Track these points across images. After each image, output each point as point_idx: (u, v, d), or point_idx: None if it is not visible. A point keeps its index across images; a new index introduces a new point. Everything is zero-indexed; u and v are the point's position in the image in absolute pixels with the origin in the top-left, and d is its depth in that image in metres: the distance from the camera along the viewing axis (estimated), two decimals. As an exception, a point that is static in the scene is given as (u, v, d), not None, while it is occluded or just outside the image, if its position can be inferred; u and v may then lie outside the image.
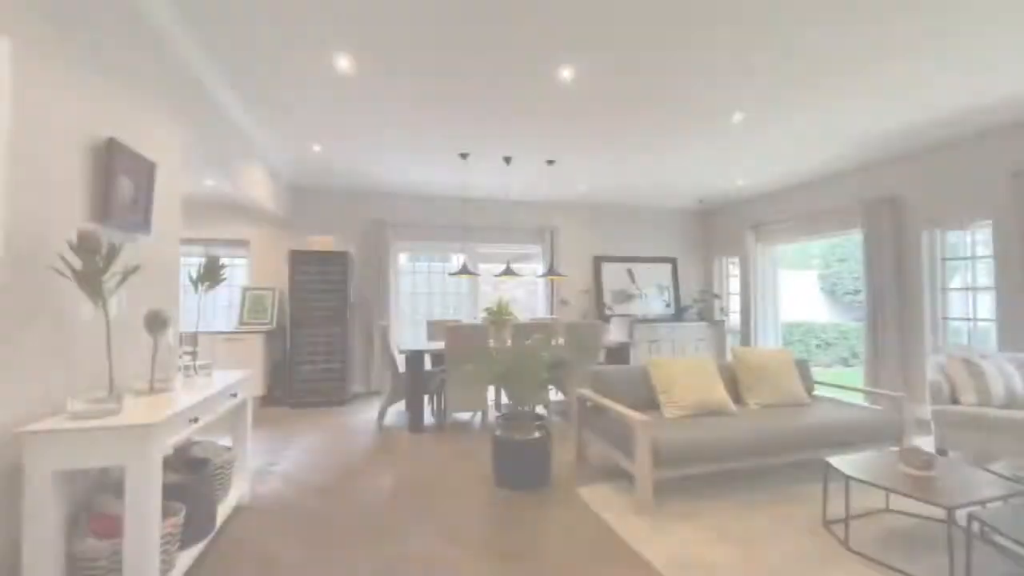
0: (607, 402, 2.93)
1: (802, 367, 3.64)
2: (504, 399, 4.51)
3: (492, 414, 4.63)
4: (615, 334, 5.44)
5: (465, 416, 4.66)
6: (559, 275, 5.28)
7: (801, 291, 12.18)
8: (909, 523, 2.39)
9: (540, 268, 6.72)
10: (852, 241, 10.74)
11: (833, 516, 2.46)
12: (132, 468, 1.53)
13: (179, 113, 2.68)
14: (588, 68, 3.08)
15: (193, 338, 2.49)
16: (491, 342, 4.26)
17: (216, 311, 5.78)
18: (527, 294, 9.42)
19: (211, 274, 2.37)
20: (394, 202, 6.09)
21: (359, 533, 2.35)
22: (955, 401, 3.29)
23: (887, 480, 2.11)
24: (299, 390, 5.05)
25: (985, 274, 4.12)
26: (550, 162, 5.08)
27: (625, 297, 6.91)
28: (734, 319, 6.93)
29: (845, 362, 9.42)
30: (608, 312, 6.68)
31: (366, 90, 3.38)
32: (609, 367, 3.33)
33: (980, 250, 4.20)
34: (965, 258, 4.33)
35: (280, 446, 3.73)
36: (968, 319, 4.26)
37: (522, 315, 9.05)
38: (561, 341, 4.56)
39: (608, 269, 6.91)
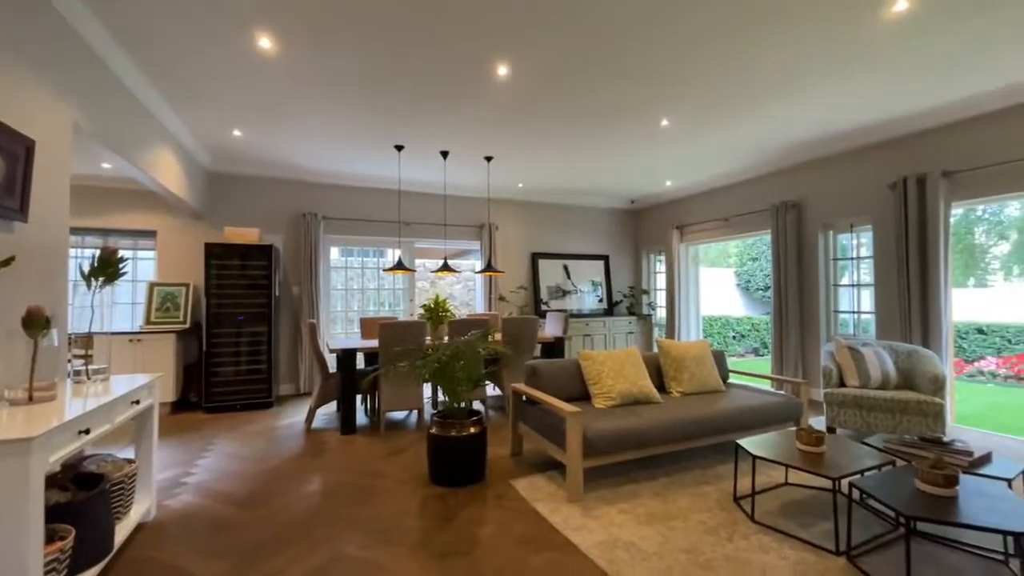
0: (541, 395, 3.01)
1: (718, 357, 3.95)
2: (441, 396, 4.48)
3: (428, 412, 4.58)
4: (551, 329, 5.57)
5: (400, 415, 4.57)
6: (497, 271, 5.32)
7: (719, 287, 13.20)
8: (805, 494, 2.69)
9: (479, 264, 6.72)
10: (763, 241, 11.81)
11: (742, 492, 2.71)
12: (2, 490, 1.34)
13: (66, 85, 2.37)
14: (525, 66, 3.12)
15: (87, 340, 2.22)
16: (427, 339, 4.20)
17: (118, 309, 5.21)
18: (465, 290, 9.40)
19: (107, 268, 2.13)
20: (326, 194, 5.81)
21: (285, 541, 2.23)
22: (842, 384, 3.74)
23: (786, 457, 2.35)
24: (218, 393, 4.68)
25: (867, 272, 4.70)
26: (488, 158, 5.09)
27: (561, 293, 7.10)
28: (660, 313, 7.36)
29: (757, 352, 10.34)
30: (545, 307, 6.83)
31: (291, 75, 3.19)
32: (543, 361, 3.41)
33: (863, 251, 4.78)
34: (851, 258, 4.91)
35: (194, 455, 3.45)
36: (853, 312, 4.84)
37: (460, 311, 9.05)
38: (498, 336, 4.60)
39: (545, 265, 7.06)
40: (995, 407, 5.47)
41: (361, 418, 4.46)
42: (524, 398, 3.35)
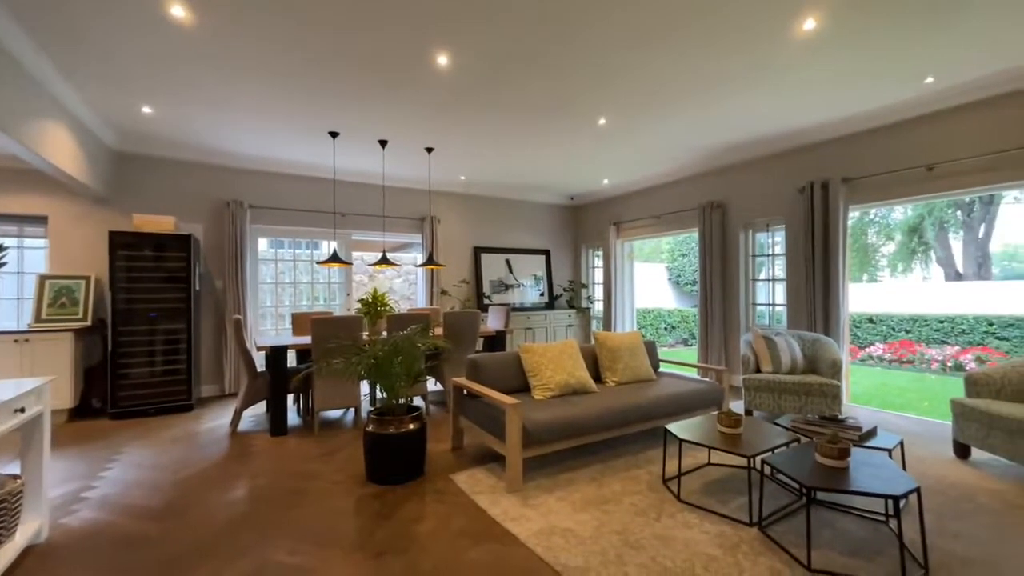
0: (481, 389, 3.02)
1: (650, 347, 4.17)
2: (381, 393, 4.36)
3: (366, 410, 4.44)
4: (493, 323, 5.60)
5: (336, 414, 4.40)
6: (438, 265, 5.24)
7: (653, 281, 13.90)
8: (725, 472, 2.91)
9: (420, 258, 6.60)
10: (692, 238, 12.58)
11: (670, 474, 2.89)
12: None
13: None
14: (465, 57, 3.09)
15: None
16: (365, 334, 4.07)
17: (1, 306, 4.57)
18: (406, 284, 9.19)
19: (-18, 258, 1.85)
20: (252, 181, 5.42)
21: (205, 553, 2.08)
22: (758, 370, 4.08)
23: (708, 439, 2.53)
24: (126, 397, 4.25)
25: (780, 268, 5.15)
26: (429, 149, 4.99)
27: (504, 287, 7.15)
28: (599, 306, 7.63)
29: (686, 342, 11.01)
30: (487, 301, 6.85)
31: (210, 48, 2.93)
32: (485, 355, 3.42)
33: (778, 249, 5.23)
34: (767, 255, 5.35)
35: (97, 466, 3.11)
36: (769, 304, 5.29)
37: (400, 306, 8.84)
38: (439, 331, 4.55)
39: (488, 259, 7.07)
40: (881, 387, 6.22)
41: (293, 418, 4.24)
42: (465, 392, 3.34)
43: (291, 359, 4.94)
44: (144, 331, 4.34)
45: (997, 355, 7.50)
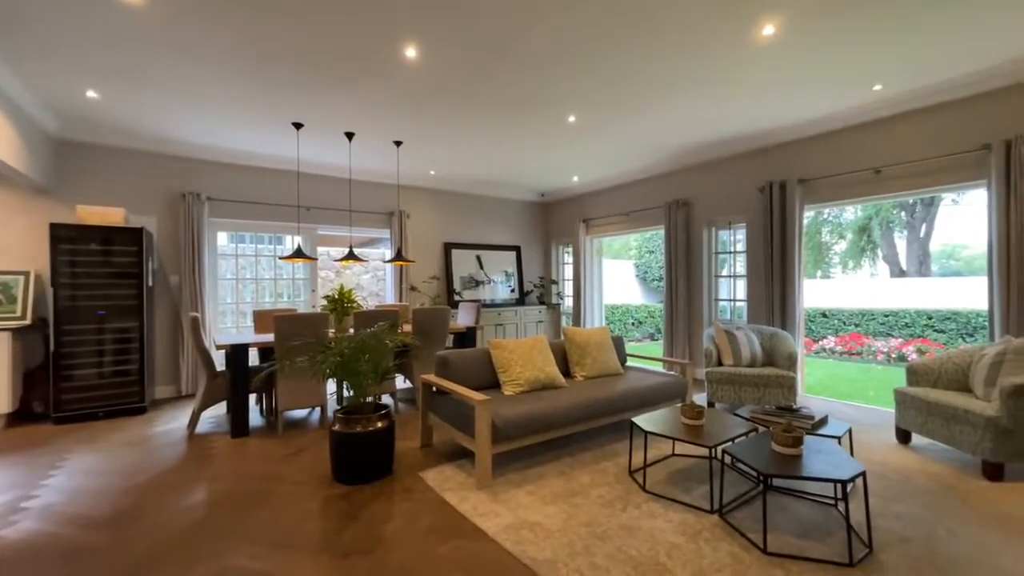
0: (450, 385, 3.00)
1: (618, 342, 4.25)
2: (347, 391, 4.27)
3: (333, 408, 4.35)
4: (463, 319, 5.57)
5: (301, 414, 4.28)
6: (407, 260, 5.17)
7: (621, 278, 14.17)
8: (688, 463, 3.01)
9: (389, 253, 6.49)
10: (659, 236, 12.86)
11: (636, 465, 2.96)
12: None
13: None
14: (433, 50, 3.05)
15: None
16: (331, 332, 3.98)
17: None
18: (374, 280, 9.02)
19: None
20: (211, 172, 5.18)
21: (160, 562, 1.99)
22: (720, 363, 4.23)
23: (672, 431, 2.61)
24: (72, 400, 4.00)
25: (741, 265, 5.34)
26: (398, 143, 4.91)
27: (474, 283, 7.12)
28: (568, 302, 7.72)
29: (652, 337, 11.29)
30: (458, 298, 6.81)
31: (163, 32, 2.78)
32: (454, 351, 3.40)
33: (739, 246, 5.43)
34: (729, 252, 5.54)
35: (40, 473, 2.92)
36: (730, 300, 5.48)
37: (368, 302, 8.67)
38: (408, 328, 4.49)
39: (458, 255, 7.02)
40: (833, 378, 6.57)
41: (256, 419, 4.10)
42: (434, 389, 3.32)
43: (253, 358, 4.77)
44: (91, 330, 4.09)
45: (935, 347, 8.05)
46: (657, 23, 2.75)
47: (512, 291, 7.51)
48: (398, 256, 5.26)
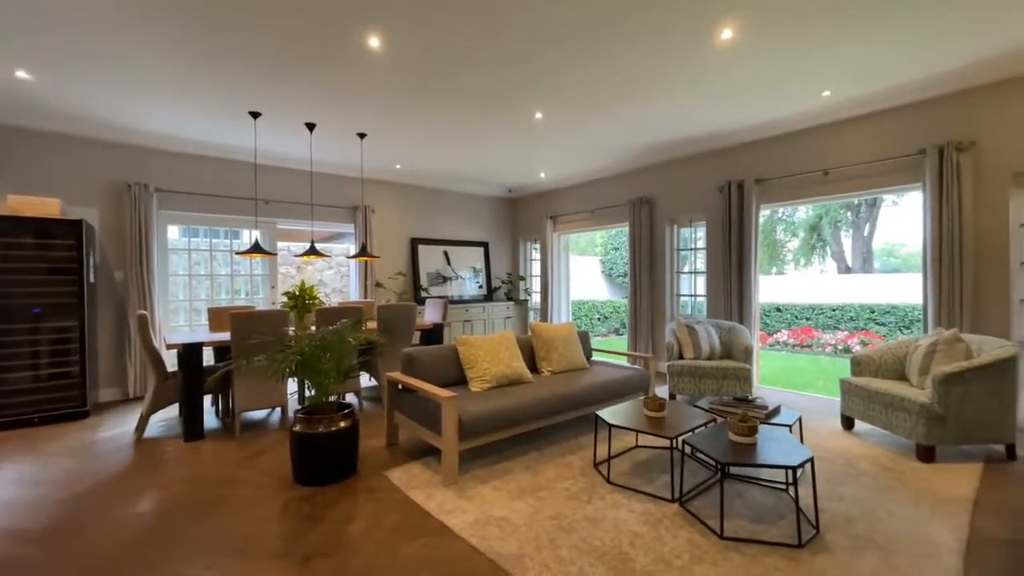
0: (416, 383, 2.97)
1: (583, 337, 4.31)
2: (309, 391, 4.14)
3: (294, 408, 4.22)
4: (430, 316, 5.51)
5: (260, 415, 4.13)
6: (372, 256, 5.06)
7: (587, 274, 14.38)
8: (651, 453, 3.09)
9: (352, 248, 6.33)
10: (624, 232, 13.13)
11: (601, 458, 3.02)
12: None
13: None
14: (399, 41, 2.98)
15: None
16: (291, 329, 3.85)
17: None
18: (338, 276, 8.79)
19: None
20: (160, 161, 4.89)
21: (104, 574, 1.88)
22: (681, 357, 4.37)
23: (635, 423, 2.68)
24: (2, 406, 3.70)
25: (702, 261, 5.53)
26: (362, 135, 4.78)
27: (441, 279, 7.06)
28: (536, 298, 7.77)
29: (617, 331, 11.54)
30: (425, 294, 6.73)
31: (104, 10, 2.59)
32: (421, 348, 3.36)
33: (699, 244, 5.61)
34: (690, 249, 5.72)
35: (-35, 487, 2.70)
36: (691, 295, 5.67)
37: (332, 299, 8.44)
38: (373, 325, 4.40)
39: (425, 251, 6.93)
40: (786, 369, 6.92)
41: (211, 421, 3.93)
42: (400, 387, 3.27)
43: (208, 357, 4.55)
44: (24, 330, 3.79)
45: (877, 339, 8.60)
46: (622, 25, 2.79)
47: (480, 287, 7.49)
48: (362, 252, 5.14)
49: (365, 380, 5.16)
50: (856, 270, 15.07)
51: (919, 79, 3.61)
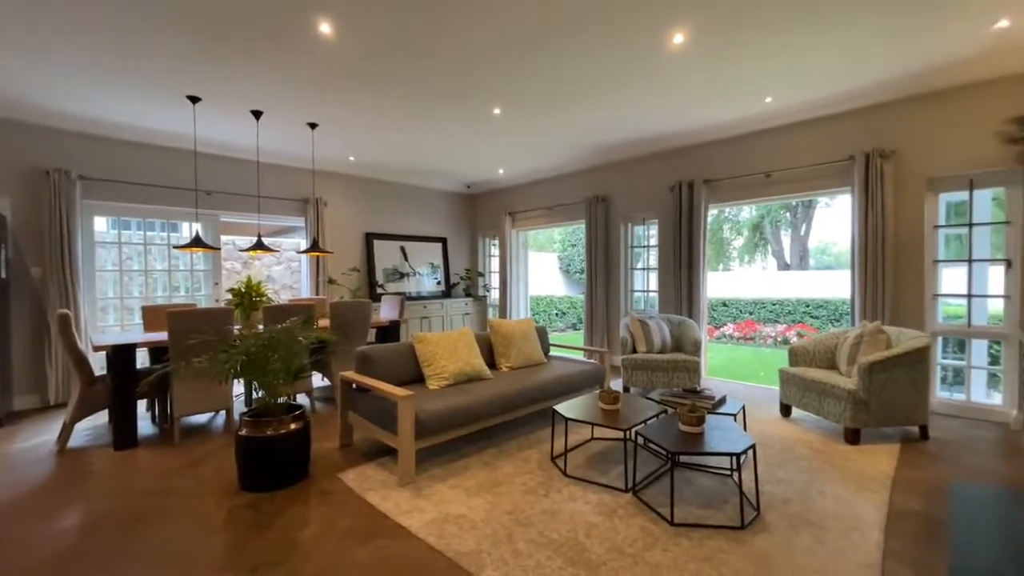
0: (371, 382, 2.90)
1: (541, 333, 4.36)
2: (257, 392, 3.95)
3: (242, 411, 4.01)
4: (386, 313, 5.39)
5: (202, 419, 3.90)
6: (324, 251, 4.88)
7: (546, 270, 14.55)
8: (606, 445, 3.18)
9: (304, 243, 6.08)
10: (580, 230, 13.37)
11: (558, 451, 3.07)
12: None
13: None
14: (351, 28, 2.87)
15: None
16: (236, 328, 3.65)
17: None
18: (288, 272, 8.42)
19: None
20: (85, 146, 4.49)
21: (19, 600, 1.71)
22: (635, 351, 4.51)
23: (591, 416, 2.74)
24: None
25: (654, 258, 5.72)
26: (312, 125, 4.59)
27: (398, 275, 6.91)
28: (495, 294, 7.77)
29: (575, 327, 11.75)
30: (381, 291, 6.57)
31: (12, -24, 2.33)
32: (376, 346, 3.28)
33: (652, 241, 5.80)
34: (644, 246, 5.90)
35: None
36: (644, 291, 5.86)
37: (281, 296, 8.08)
38: (325, 323, 4.25)
39: (381, 246, 6.76)
40: (731, 361, 7.31)
41: (147, 428, 3.66)
42: (354, 386, 3.18)
43: (142, 359, 4.23)
44: (-80, 332, 3.38)
45: (811, 331, 9.24)
46: (579, 24, 2.82)
47: (438, 283, 7.40)
48: (314, 246, 4.95)
49: (317, 380, 4.98)
50: (794, 267, 16.11)
51: (849, 90, 3.89)
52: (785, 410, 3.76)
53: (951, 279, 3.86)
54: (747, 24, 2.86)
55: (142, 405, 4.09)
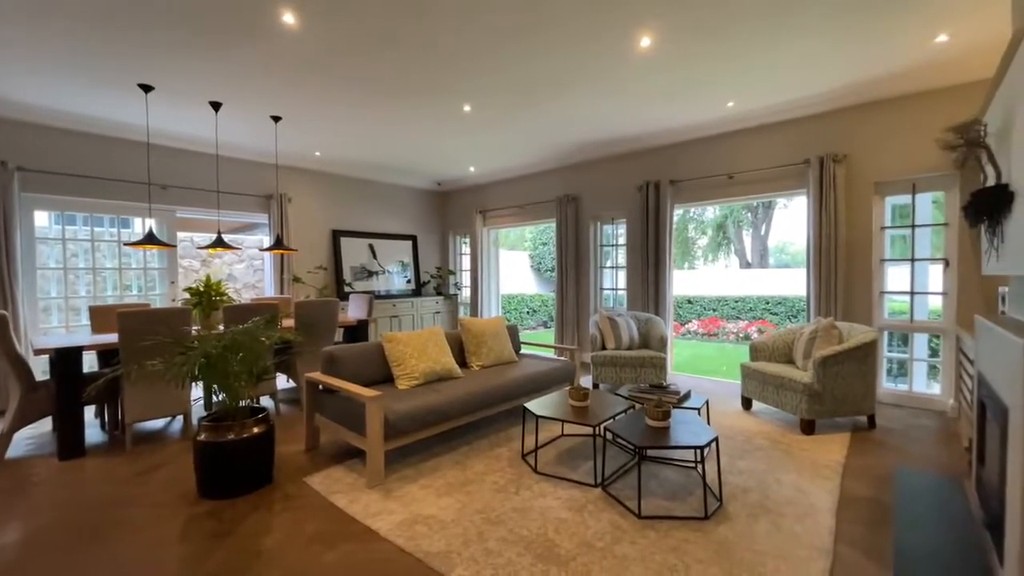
0: (338, 383, 2.83)
1: (512, 331, 4.37)
2: (218, 396, 3.78)
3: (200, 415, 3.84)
4: (354, 312, 5.28)
5: (158, 424, 3.72)
6: (289, 249, 4.73)
7: (517, 268, 14.60)
8: (576, 441, 3.22)
9: (267, 240, 5.87)
10: (551, 228, 13.46)
11: (529, 448, 3.09)
12: None
13: None
14: (316, 19, 2.79)
15: None
16: (195, 329, 3.49)
17: None
18: (250, 271, 8.12)
19: None
20: (24, 136, 4.18)
21: (-50, 625, 1.59)
22: (604, 347, 4.58)
23: (561, 413, 2.77)
24: None
25: (623, 257, 5.83)
26: (276, 118, 4.43)
27: (367, 273, 6.78)
28: (466, 293, 7.73)
29: (545, 324, 11.84)
30: (349, 289, 6.43)
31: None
32: (343, 346, 3.21)
33: (620, 240, 5.90)
34: (613, 245, 6.01)
35: None
36: (613, 289, 5.96)
37: (243, 295, 7.78)
38: (290, 322, 4.13)
39: (348, 244, 6.61)
40: (696, 357, 7.54)
41: (96, 435, 3.46)
42: (321, 388, 3.10)
43: (91, 362, 3.99)
44: None
45: (771, 327, 9.64)
46: (550, 25, 2.83)
47: (408, 282, 7.30)
48: (278, 244, 4.79)
49: (282, 382, 4.82)
50: (755, 265, 16.76)
51: (804, 96, 4.07)
52: (746, 403, 3.91)
53: (896, 277, 4.11)
54: (710, 31, 2.95)
55: (90, 412, 3.86)
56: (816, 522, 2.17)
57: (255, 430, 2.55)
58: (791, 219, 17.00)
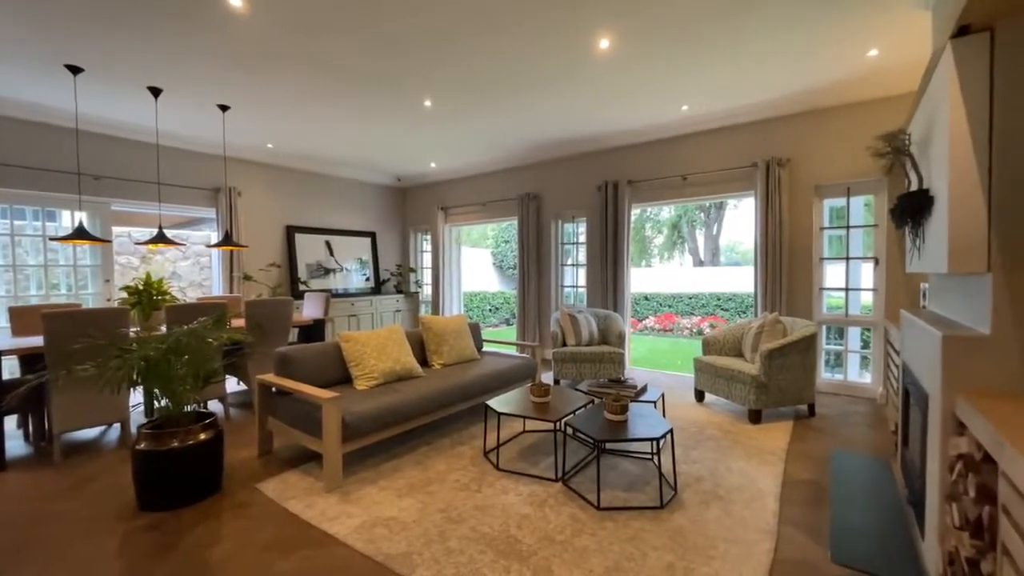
0: (292, 384, 2.73)
1: (474, 329, 4.36)
2: (161, 401, 3.54)
3: (140, 423, 3.60)
4: (309, 311, 5.10)
5: (91, 433, 3.45)
6: (239, 245, 4.50)
7: (479, 266, 14.56)
8: (537, 437, 3.25)
9: (215, 236, 5.56)
10: (513, 226, 13.49)
11: (491, 446, 3.09)
12: None
13: None
14: (265, 1, 2.66)
15: None
16: (133, 330, 3.27)
17: None
18: (196, 268, 7.68)
19: None
20: (-78, 117, 3.75)
21: None
22: (564, 344, 4.65)
23: (522, 409, 2.79)
24: None
25: (583, 255, 5.93)
26: (224, 107, 4.21)
27: (323, 271, 6.56)
28: (427, 290, 7.64)
29: (508, 322, 11.88)
30: (304, 287, 6.20)
31: None
32: (297, 347, 3.09)
33: (581, 238, 6.00)
34: (573, 243, 6.10)
35: None
36: (574, 286, 6.06)
37: (188, 294, 7.34)
38: (240, 322, 3.94)
39: (303, 241, 6.37)
40: (653, 351, 7.79)
41: (19, 447, 3.17)
42: (274, 390, 2.98)
43: (11, 368, 3.65)
44: None
45: (722, 322, 10.10)
46: (510, 22, 2.83)
47: (367, 279, 7.13)
48: (226, 240, 4.56)
49: (232, 385, 4.59)
50: (707, 263, 17.49)
51: (751, 103, 4.28)
52: (699, 395, 4.08)
53: (833, 274, 4.40)
54: (665, 36, 3.05)
55: (11, 422, 3.54)
56: (763, 506, 2.30)
57: (201, 436, 2.42)
58: (741, 219, 17.84)
